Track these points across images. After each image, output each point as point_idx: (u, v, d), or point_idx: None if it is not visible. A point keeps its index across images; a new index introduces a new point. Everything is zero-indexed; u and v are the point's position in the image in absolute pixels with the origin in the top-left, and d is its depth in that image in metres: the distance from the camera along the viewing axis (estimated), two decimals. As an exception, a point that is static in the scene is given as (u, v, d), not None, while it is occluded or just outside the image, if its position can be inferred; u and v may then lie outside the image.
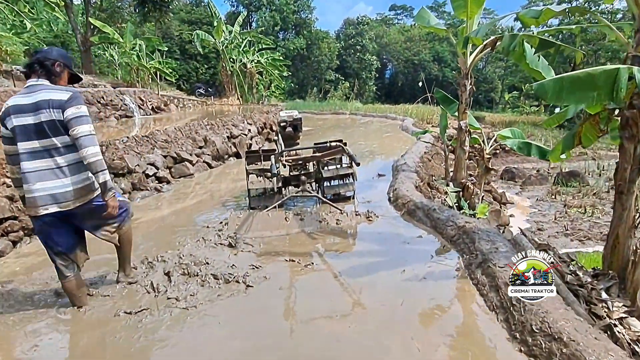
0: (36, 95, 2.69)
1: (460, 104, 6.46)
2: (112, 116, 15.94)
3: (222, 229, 5.02)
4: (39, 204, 2.76)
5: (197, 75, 34.73)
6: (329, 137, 14.20)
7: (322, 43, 41.64)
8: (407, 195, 5.61)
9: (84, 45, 23.72)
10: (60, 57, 2.90)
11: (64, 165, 2.78)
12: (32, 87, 2.74)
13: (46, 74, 2.80)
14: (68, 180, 2.80)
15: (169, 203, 6.70)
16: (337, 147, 5.16)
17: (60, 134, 2.72)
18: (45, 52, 2.86)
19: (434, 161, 9.35)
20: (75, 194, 2.84)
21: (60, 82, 2.88)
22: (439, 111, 22.67)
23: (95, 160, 2.72)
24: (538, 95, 3.54)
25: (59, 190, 2.78)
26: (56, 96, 2.69)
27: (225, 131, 10.34)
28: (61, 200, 2.80)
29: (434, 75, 45.95)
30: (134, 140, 7.80)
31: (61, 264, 3.07)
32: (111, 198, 2.90)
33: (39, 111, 2.66)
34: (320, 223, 5.09)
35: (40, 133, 2.70)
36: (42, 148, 2.72)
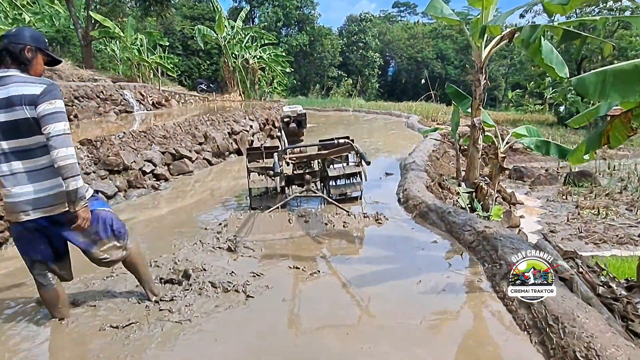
0: (7, 89, 2.35)
1: (473, 100, 6.11)
2: (111, 111, 15.61)
3: (221, 231, 4.69)
4: (19, 209, 2.47)
5: (199, 71, 34.39)
6: (332, 134, 13.80)
7: (325, 39, 41.23)
8: (419, 196, 5.27)
9: (84, 39, 23.33)
10: (32, 40, 2.50)
11: (42, 167, 2.47)
12: (2, 80, 2.38)
13: (15, 63, 2.43)
14: (47, 184, 2.49)
15: (167, 202, 6.37)
16: (344, 144, 4.82)
17: (38, 133, 2.39)
18: (13, 35, 2.46)
19: (442, 160, 9.00)
20: (56, 199, 2.53)
21: (32, 71, 2.50)
22: (443, 109, 22.52)
23: (66, 163, 2.36)
24: (577, 92, 3.19)
25: (41, 194, 2.48)
26: (28, 90, 2.35)
27: (226, 127, 10.00)
28: (43, 205, 2.50)
29: (437, 73, 45.46)
30: (131, 135, 7.47)
31: (39, 273, 2.74)
32: (83, 208, 2.52)
33: (12, 108, 2.34)
34: (326, 225, 4.76)
35: (14, 132, 2.38)
36: (19, 148, 2.41)
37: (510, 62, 44.00)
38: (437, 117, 18.35)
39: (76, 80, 18.32)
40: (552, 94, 26.62)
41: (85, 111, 14.10)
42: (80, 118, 13.49)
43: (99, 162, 6.51)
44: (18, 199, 2.46)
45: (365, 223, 4.87)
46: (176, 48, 33.25)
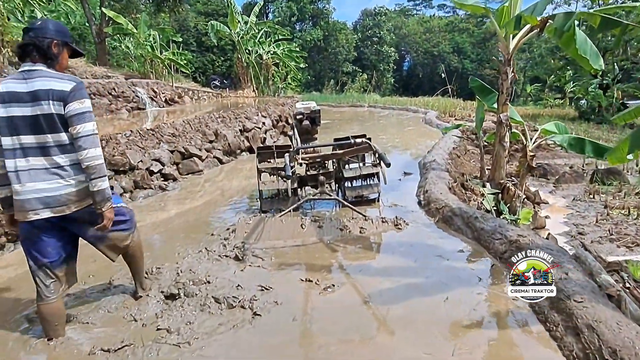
0: (33, 83, 2.28)
1: (500, 95, 5.68)
2: (123, 108, 15.46)
3: (229, 238, 4.36)
4: (28, 208, 2.38)
5: (213, 68, 34.26)
6: (347, 131, 13.46)
7: (340, 34, 40.70)
8: (441, 199, 4.88)
9: (98, 36, 23.29)
10: (58, 33, 2.44)
11: (62, 165, 2.39)
12: (29, 73, 2.31)
13: (42, 58, 2.37)
14: (65, 181, 2.42)
15: (173, 204, 6.08)
16: (362, 144, 4.44)
17: (58, 131, 2.34)
18: (39, 29, 2.38)
19: (464, 158, 8.56)
20: (72, 196, 2.45)
21: (59, 66, 2.45)
22: (460, 103, 21.92)
23: (95, 164, 2.37)
24: None
25: (53, 193, 2.39)
26: (57, 86, 2.29)
27: (237, 124, 9.69)
28: (54, 204, 2.41)
29: (453, 67, 44.61)
30: (138, 134, 7.20)
31: (42, 281, 2.58)
32: (108, 210, 2.52)
33: (38, 102, 2.28)
34: (341, 231, 4.41)
35: (36, 127, 2.32)
36: (37, 144, 2.35)
37: (529, 56, 42.94)
38: (454, 112, 17.82)
39: (89, 77, 18.24)
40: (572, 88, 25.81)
41: (97, 108, 13.94)
42: (92, 115, 13.35)
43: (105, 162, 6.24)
44: (29, 196, 2.36)
45: (384, 228, 4.50)
46: (190, 45, 33.14)
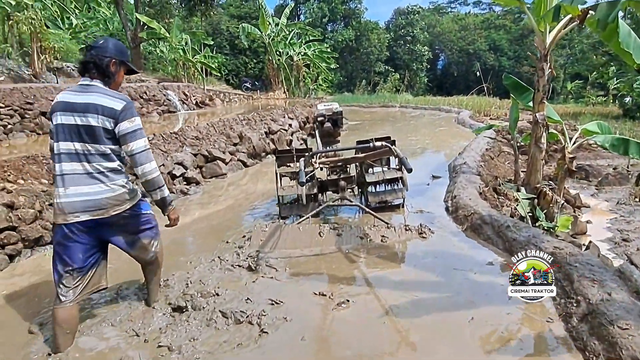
0: (88, 97, 2.46)
1: (536, 92, 5.28)
2: (154, 112, 15.65)
3: (243, 246, 4.18)
4: (69, 211, 2.50)
5: (245, 70, 34.52)
6: (376, 132, 13.18)
7: (372, 34, 40.26)
8: (470, 205, 4.55)
9: (133, 41, 23.84)
10: (117, 53, 2.61)
11: (100, 171, 2.53)
12: (85, 87, 2.52)
13: (100, 75, 2.56)
14: (104, 186, 2.55)
15: (193, 209, 5.96)
16: (382, 147, 4.18)
17: (102, 142, 2.49)
18: (100, 47, 2.57)
19: (497, 160, 8.12)
20: (109, 201, 2.58)
21: (114, 84, 2.63)
22: (496, 102, 21.15)
23: (153, 177, 2.65)
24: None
25: (93, 197, 2.52)
26: (109, 103, 2.46)
27: (263, 126, 9.56)
28: (94, 207, 2.53)
29: (489, 65, 43.38)
30: (161, 137, 7.16)
31: (64, 285, 2.62)
32: (172, 211, 2.89)
33: (88, 114, 2.44)
34: (362, 240, 4.15)
35: (82, 136, 2.47)
36: (81, 151, 2.48)
37: (570, 52, 41.29)
38: (490, 111, 17.18)
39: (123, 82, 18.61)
40: (616, 85, 24.54)
41: (128, 112, 14.15)
42: (123, 119, 13.55)
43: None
44: (71, 199, 2.48)
45: (407, 237, 4.22)
46: (224, 47, 33.54)
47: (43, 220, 4.77)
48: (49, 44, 15.23)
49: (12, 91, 10.30)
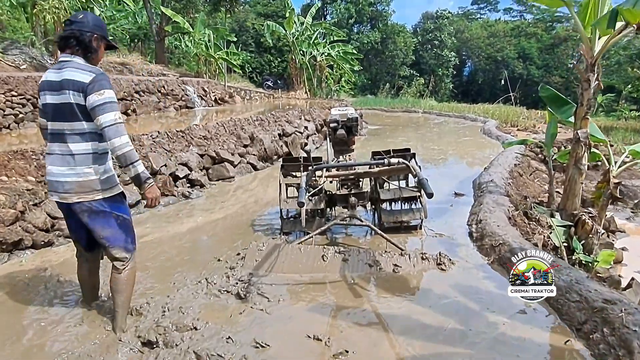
0: (62, 73, 2.41)
1: (579, 107, 4.67)
2: (171, 106, 15.36)
3: (236, 266, 3.69)
4: (49, 189, 2.59)
5: (270, 68, 34.27)
6: (396, 138, 12.58)
7: (398, 37, 39.55)
8: (498, 234, 3.97)
9: (158, 35, 23.77)
10: (97, 27, 2.55)
11: (72, 153, 2.47)
12: (63, 64, 2.46)
13: (82, 51, 2.50)
14: (70, 170, 2.48)
15: (192, 215, 5.50)
16: (398, 165, 3.62)
17: (76, 119, 2.43)
18: (80, 22, 2.50)
19: (526, 177, 7.46)
20: (73, 186, 2.49)
21: (96, 59, 2.57)
22: (524, 112, 20.24)
23: (123, 152, 2.42)
24: None
25: (62, 179, 2.49)
26: (79, 77, 2.39)
27: (276, 128, 9.08)
28: (61, 190, 2.51)
29: (517, 74, 42.18)
30: (166, 135, 6.73)
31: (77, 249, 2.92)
32: (148, 189, 2.59)
33: (62, 91, 2.40)
34: (370, 267, 3.62)
35: (59, 114, 2.45)
36: (62, 131, 2.47)
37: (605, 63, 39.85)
38: (517, 122, 16.36)
39: (145, 74, 18.43)
40: (652, 100, 23.43)
41: (144, 106, 13.87)
42: (138, 113, 13.25)
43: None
44: (50, 179, 2.52)
45: (423, 267, 3.66)
46: (249, 45, 33.34)
47: (25, 222, 4.37)
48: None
49: (26, 80, 10.07)
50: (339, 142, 5.08)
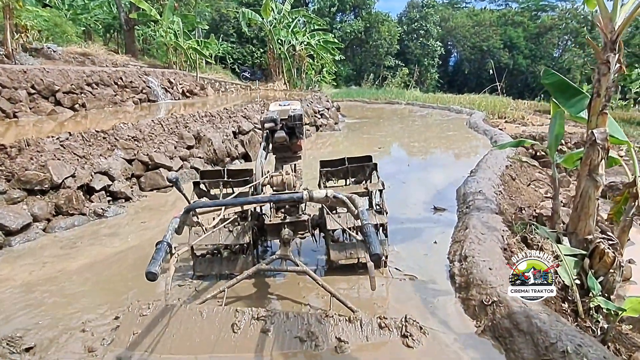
0: None
1: (594, 98, 3.49)
2: (129, 100, 13.94)
3: (104, 342, 2.46)
4: None
5: (252, 59, 32.73)
6: (374, 134, 11.36)
7: (382, 26, 38.27)
8: (491, 284, 2.77)
9: (127, 24, 22.26)
10: None
11: None
12: None
13: None
14: None
15: (94, 244, 4.22)
16: (327, 199, 2.32)
17: None
18: None
19: (520, 180, 6.29)
20: None
21: None
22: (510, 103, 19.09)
23: None
24: None
25: None
26: None
27: (231, 125, 7.78)
28: None
29: (503, 64, 41.24)
30: (80, 137, 5.42)
31: None
32: None
33: None
34: (303, 343, 2.41)
35: None
36: None
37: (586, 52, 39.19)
38: (505, 113, 15.24)
39: (109, 65, 16.95)
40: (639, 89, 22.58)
41: (97, 100, 12.44)
42: (89, 107, 11.83)
43: (12, 179, 4.49)
44: None
45: (382, 340, 2.45)
46: (230, 35, 31.84)
47: None
48: (21, 21, 13.64)
49: None
50: (280, 147, 3.84)
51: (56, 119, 9.58)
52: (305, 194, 2.17)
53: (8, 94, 9.10)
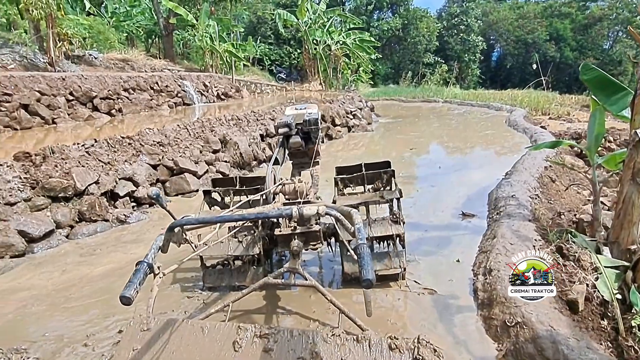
0: None
1: (638, 96, 3.15)
2: (165, 104, 14.25)
3: (102, 358, 2.39)
4: None
5: (289, 60, 32.91)
6: (407, 133, 11.06)
7: (421, 22, 37.51)
8: (516, 302, 2.52)
9: (165, 29, 22.86)
10: None
11: None
12: None
13: None
14: None
15: (115, 250, 4.22)
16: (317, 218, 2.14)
17: None
18: None
19: (560, 181, 5.88)
20: None
21: None
22: (556, 98, 18.13)
23: None
24: None
25: None
26: None
27: (258, 128, 7.72)
28: None
29: (549, 57, 39.50)
30: (105, 143, 5.48)
31: None
32: None
33: None
34: (307, 364, 2.26)
35: None
36: None
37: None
38: (549, 109, 14.50)
39: (148, 70, 17.42)
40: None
41: (133, 104, 12.77)
42: (125, 112, 12.15)
43: (37, 186, 4.57)
44: None
45: (392, 362, 2.27)
46: (268, 37, 32.13)
47: None
48: (63, 30, 14.17)
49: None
50: (296, 153, 3.71)
51: (93, 124, 9.85)
52: (294, 211, 2.00)
53: (47, 101, 9.44)
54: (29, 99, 9.29)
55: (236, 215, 2.13)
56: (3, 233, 3.95)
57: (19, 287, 3.44)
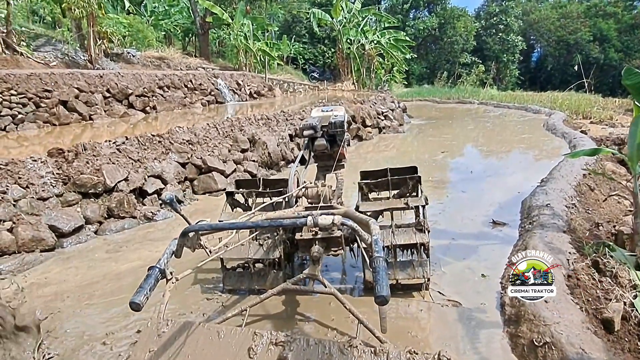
0: None
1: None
2: (198, 102, 14.46)
3: (119, 358, 2.40)
4: None
5: (323, 59, 32.90)
6: (439, 137, 10.83)
7: (458, 22, 36.77)
8: (545, 320, 2.38)
9: (202, 28, 23.26)
10: None
11: None
12: None
13: None
14: None
15: (140, 248, 4.28)
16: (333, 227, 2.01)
17: None
18: None
19: (600, 189, 5.60)
20: None
21: None
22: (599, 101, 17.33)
23: None
24: None
25: None
26: None
27: (287, 127, 7.70)
28: None
29: (592, 58, 37.99)
30: (136, 141, 5.58)
31: None
32: None
33: None
34: (323, 375, 2.20)
35: None
36: None
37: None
38: (590, 113, 13.90)
39: (183, 68, 17.75)
40: None
41: (167, 102, 13.02)
42: (159, 109, 12.40)
43: (69, 182, 4.68)
44: None
45: (410, 379, 2.18)
46: (303, 36, 32.23)
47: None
48: (101, 28, 14.60)
49: (29, 77, 9.35)
50: (321, 155, 3.65)
51: (128, 121, 10.10)
52: (309, 220, 1.94)
53: (85, 97, 9.72)
54: (68, 96, 9.59)
55: (250, 223, 2.08)
56: (35, 227, 4.05)
57: (46, 282, 3.52)
